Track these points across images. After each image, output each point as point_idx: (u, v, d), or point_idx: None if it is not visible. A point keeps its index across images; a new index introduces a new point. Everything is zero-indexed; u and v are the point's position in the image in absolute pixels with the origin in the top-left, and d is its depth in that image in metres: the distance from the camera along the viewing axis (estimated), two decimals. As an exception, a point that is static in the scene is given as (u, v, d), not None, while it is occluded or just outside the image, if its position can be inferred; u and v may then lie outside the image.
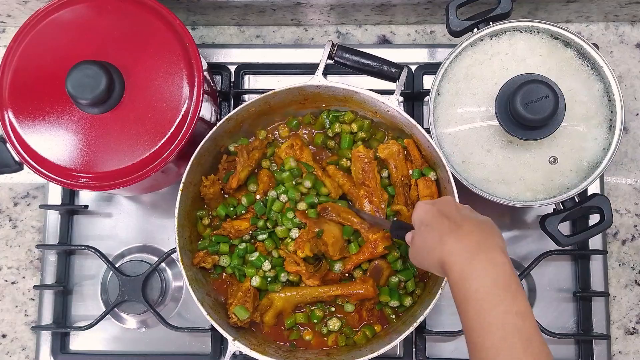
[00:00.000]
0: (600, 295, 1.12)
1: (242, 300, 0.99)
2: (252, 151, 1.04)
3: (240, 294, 1.00)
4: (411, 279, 1.02)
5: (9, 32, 1.24)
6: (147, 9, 0.98)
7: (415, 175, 1.02)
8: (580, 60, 1.01)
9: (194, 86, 0.97)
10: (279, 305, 1.01)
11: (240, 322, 0.98)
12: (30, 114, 0.96)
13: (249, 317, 0.99)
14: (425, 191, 1.01)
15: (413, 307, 1.01)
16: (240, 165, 1.03)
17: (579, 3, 1.14)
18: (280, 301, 1.01)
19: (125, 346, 1.13)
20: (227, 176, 1.03)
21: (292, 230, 1.00)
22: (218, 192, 1.03)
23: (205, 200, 1.04)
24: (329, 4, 1.14)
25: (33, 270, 1.17)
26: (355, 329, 1.02)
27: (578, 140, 1.00)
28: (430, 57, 1.18)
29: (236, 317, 0.98)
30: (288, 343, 1.03)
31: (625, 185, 1.17)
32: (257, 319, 1.01)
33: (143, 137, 0.95)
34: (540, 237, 1.10)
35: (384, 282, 1.02)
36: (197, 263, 1.01)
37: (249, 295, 1.00)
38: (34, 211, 1.18)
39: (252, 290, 1.00)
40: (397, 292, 1.02)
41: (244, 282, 1.01)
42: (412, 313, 1.00)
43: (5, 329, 1.16)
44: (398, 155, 1.02)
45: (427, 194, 1.01)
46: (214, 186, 1.02)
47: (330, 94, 1.02)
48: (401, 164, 1.03)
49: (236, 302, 0.99)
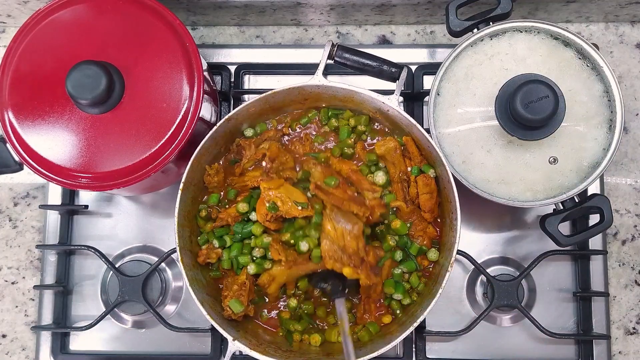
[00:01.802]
0: (600, 295, 1.12)
1: (237, 294, 0.99)
2: (260, 145, 1.04)
3: (236, 287, 1.00)
4: (414, 272, 1.02)
5: (9, 32, 1.24)
6: (147, 9, 0.98)
7: (414, 172, 1.02)
8: (580, 61, 1.01)
9: (194, 86, 0.97)
10: (281, 278, 1.00)
11: (234, 315, 0.98)
12: (30, 114, 0.96)
13: (243, 311, 0.99)
14: (425, 188, 1.01)
15: (413, 307, 1.01)
16: (246, 158, 1.03)
17: (579, 3, 1.14)
18: (282, 274, 1.00)
19: (125, 346, 1.13)
20: (234, 161, 1.04)
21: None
22: (222, 181, 1.04)
23: (209, 189, 1.04)
24: (329, 4, 1.14)
25: (33, 271, 1.17)
26: (362, 323, 1.02)
27: (578, 141, 1.00)
28: (430, 57, 1.18)
29: (230, 310, 0.98)
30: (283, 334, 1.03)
31: (625, 185, 1.17)
32: (250, 313, 1.01)
33: (143, 137, 0.95)
34: (540, 237, 1.10)
35: (387, 273, 1.02)
36: (202, 261, 1.01)
37: (244, 289, 0.99)
38: (34, 211, 1.18)
39: (247, 284, 1.00)
40: (402, 285, 1.01)
41: (240, 274, 1.01)
42: (412, 313, 1.00)
43: (5, 329, 1.16)
44: (395, 151, 1.02)
45: (427, 191, 1.01)
46: (218, 175, 1.03)
47: (330, 94, 1.02)
48: (399, 161, 1.03)
49: (231, 295, 0.99)
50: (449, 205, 0.98)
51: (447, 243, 0.99)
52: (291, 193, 0.99)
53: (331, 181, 0.99)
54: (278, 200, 0.98)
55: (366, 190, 1.01)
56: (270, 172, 1.02)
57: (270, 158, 1.02)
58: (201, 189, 1.04)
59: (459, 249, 0.98)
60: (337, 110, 1.06)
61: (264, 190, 0.99)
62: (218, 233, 1.02)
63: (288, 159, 1.04)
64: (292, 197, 0.98)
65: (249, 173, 1.04)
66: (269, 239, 0.99)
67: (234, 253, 1.02)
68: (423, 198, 1.01)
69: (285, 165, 1.03)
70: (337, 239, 0.96)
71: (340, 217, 0.97)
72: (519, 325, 1.12)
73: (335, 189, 0.99)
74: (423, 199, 1.01)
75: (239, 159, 1.04)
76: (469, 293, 1.13)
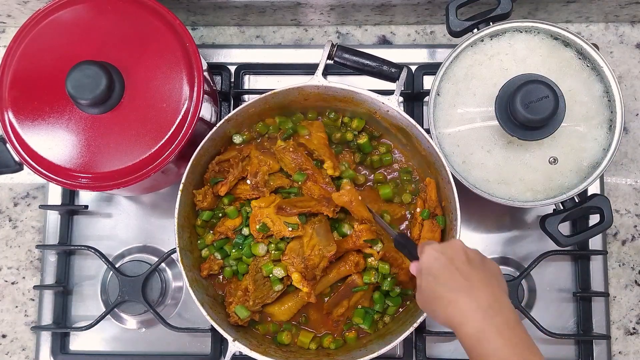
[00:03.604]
0: (600, 295, 1.12)
1: (241, 300, 0.99)
2: (244, 160, 1.03)
3: (240, 293, 1.00)
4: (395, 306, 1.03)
5: (9, 32, 1.24)
6: (147, 9, 0.98)
7: (423, 215, 1.01)
8: (580, 61, 1.01)
9: (194, 86, 0.97)
10: (280, 318, 1.02)
11: (240, 321, 0.99)
12: (30, 114, 0.96)
13: (249, 316, 0.99)
14: (428, 234, 1.00)
15: (413, 307, 1.01)
16: (232, 175, 1.02)
17: (579, 3, 1.14)
18: (281, 315, 1.02)
19: (125, 346, 1.13)
20: (216, 181, 1.03)
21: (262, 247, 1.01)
22: (213, 201, 1.03)
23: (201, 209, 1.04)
24: (329, 4, 1.14)
25: (33, 271, 1.17)
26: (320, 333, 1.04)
27: (578, 141, 1.00)
28: (430, 57, 1.18)
29: (237, 317, 0.98)
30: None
31: (625, 186, 1.17)
32: (255, 318, 1.01)
33: (143, 138, 0.95)
34: (540, 237, 1.10)
35: (357, 302, 1.02)
36: (205, 275, 1.02)
37: (248, 294, 1.00)
38: (34, 211, 1.18)
39: (251, 289, 1.00)
40: (371, 316, 1.01)
41: (243, 280, 1.01)
42: (412, 313, 1.00)
43: (5, 329, 1.16)
44: (351, 204, 0.99)
45: (429, 237, 1.00)
46: (207, 198, 1.02)
47: (330, 94, 1.02)
48: (357, 210, 1.00)
49: (236, 301, 0.99)
50: (449, 205, 0.98)
51: (447, 243, 0.99)
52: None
53: (300, 177, 1.00)
54: (268, 221, 0.98)
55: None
56: (258, 185, 1.01)
57: (251, 173, 1.02)
58: (201, 189, 1.04)
59: (459, 249, 0.98)
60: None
61: (255, 210, 1.00)
62: (218, 245, 1.03)
63: (272, 165, 1.02)
64: (283, 217, 0.99)
65: (240, 186, 1.03)
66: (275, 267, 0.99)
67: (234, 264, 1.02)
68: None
69: (271, 172, 1.02)
70: (306, 247, 0.98)
71: (323, 233, 0.98)
72: (519, 325, 1.12)
73: (304, 183, 1.01)
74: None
75: (221, 178, 1.03)
76: (469, 293, 1.13)
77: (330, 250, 0.97)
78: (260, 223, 0.99)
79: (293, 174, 1.02)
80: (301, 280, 0.97)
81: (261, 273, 0.99)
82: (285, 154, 1.02)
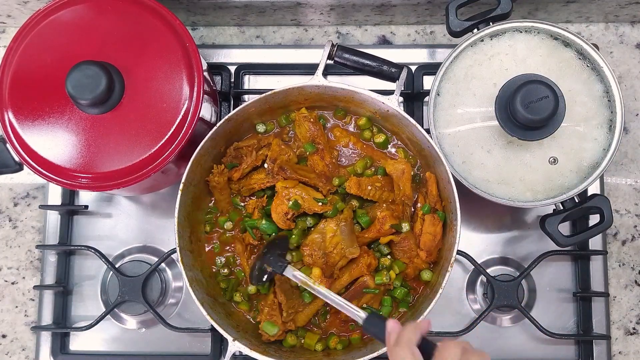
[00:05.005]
0: (600, 295, 1.12)
1: (269, 315, 0.99)
2: (261, 150, 1.04)
3: (267, 310, 1.00)
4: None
5: (9, 32, 1.24)
6: (147, 9, 0.98)
7: (424, 210, 1.01)
8: (580, 61, 1.01)
9: (194, 86, 0.97)
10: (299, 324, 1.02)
11: (272, 337, 0.99)
12: (30, 114, 0.96)
13: (280, 330, 0.99)
14: (430, 228, 1.00)
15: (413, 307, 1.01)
16: (246, 163, 1.03)
17: (579, 3, 1.14)
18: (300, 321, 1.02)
19: (125, 346, 1.13)
20: (232, 166, 1.04)
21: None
22: (224, 183, 1.04)
23: (210, 187, 1.04)
24: (329, 5, 1.14)
25: (33, 271, 1.17)
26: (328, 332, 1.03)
27: (578, 141, 1.00)
28: (430, 57, 1.18)
29: (267, 334, 0.98)
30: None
31: (625, 186, 1.17)
32: (292, 327, 1.00)
33: (143, 138, 0.95)
34: (540, 237, 1.10)
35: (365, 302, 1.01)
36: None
37: (274, 309, 0.99)
38: (34, 211, 1.18)
39: (277, 302, 1.00)
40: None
41: (269, 294, 1.01)
42: (412, 313, 1.00)
43: (5, 329, 1.16)
44: (402, 174, 1.02)
45: (431, 231, 0.99)
46: (222, 176, 1.03)
47: (330, 94, 1.02)
48: (404, 184, 1.02)
49: (263, 318, 0.99)
50: (449, 205, 0.98)
51: (447, 243, 0.99)
52: (309, 191, 1.01)
53: (310, 148, 1.02)
54: (299, 198, 0.99)
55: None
56: (274, 172, 1.02)
57: (271, 159, 1.02)
58: (201, 189, 1.04)
59: (459, 249, 0.98)
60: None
61: (282, 190, 1.00)
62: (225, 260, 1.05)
63: (291, 156, 1.03)
64: (311, 194, 1.00)
65: (254, 176, 1.04)
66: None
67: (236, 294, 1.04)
68: (425, 237, 0.99)
69: (290, 163, 1.03)
70: (328, 242, 0.97)
71: (347, 233, 0.98)
72: (519, 325, 1.12)
73: (311, 155, 1.03)
74: (425, 237, 0.99)
75: (237, 164, 1.04)
76: (469, 293, 1.13)
77: (353, 252, 0.98)
78: (293, 200, 0.99)
79: (305, 143, 1.03)
80: (321, 277, 0.97)
81: (288, 283, 1.00)
82: (304, 122, 1.03)
